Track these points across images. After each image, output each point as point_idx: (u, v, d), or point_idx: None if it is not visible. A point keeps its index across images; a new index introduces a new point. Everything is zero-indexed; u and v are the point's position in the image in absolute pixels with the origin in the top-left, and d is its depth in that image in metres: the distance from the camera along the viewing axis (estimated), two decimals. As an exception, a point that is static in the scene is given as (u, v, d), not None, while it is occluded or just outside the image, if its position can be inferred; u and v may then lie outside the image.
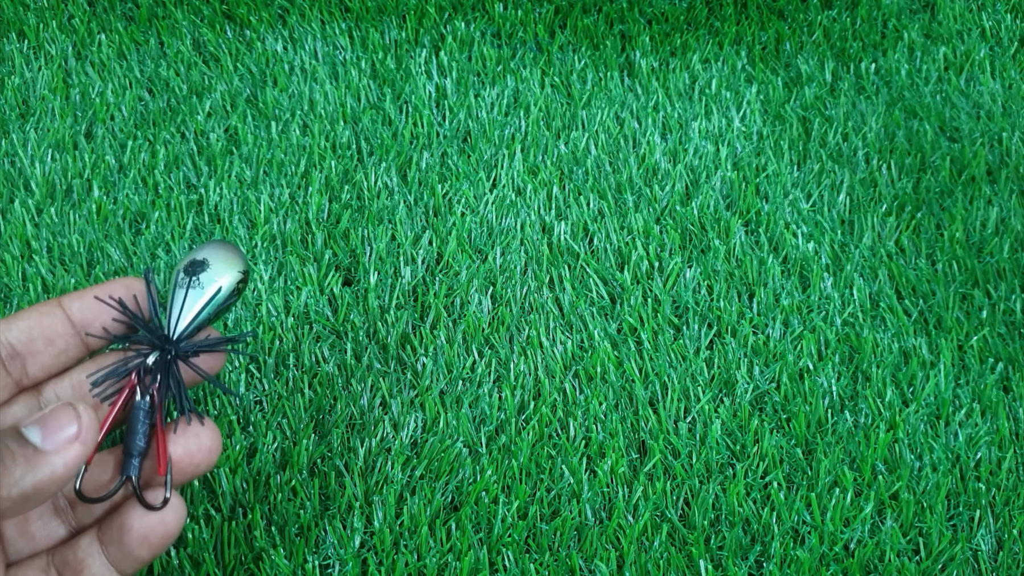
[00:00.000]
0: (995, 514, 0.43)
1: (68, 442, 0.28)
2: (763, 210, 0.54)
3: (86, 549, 0.32)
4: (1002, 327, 0.50)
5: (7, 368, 0.32)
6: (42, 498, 0.28)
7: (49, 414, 0.28)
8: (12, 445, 0.27)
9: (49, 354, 0.33)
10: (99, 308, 0.33)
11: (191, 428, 0.33)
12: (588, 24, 0.64)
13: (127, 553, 0.32)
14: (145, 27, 0.61)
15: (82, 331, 0.33)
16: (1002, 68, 0.64)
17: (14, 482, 0.27)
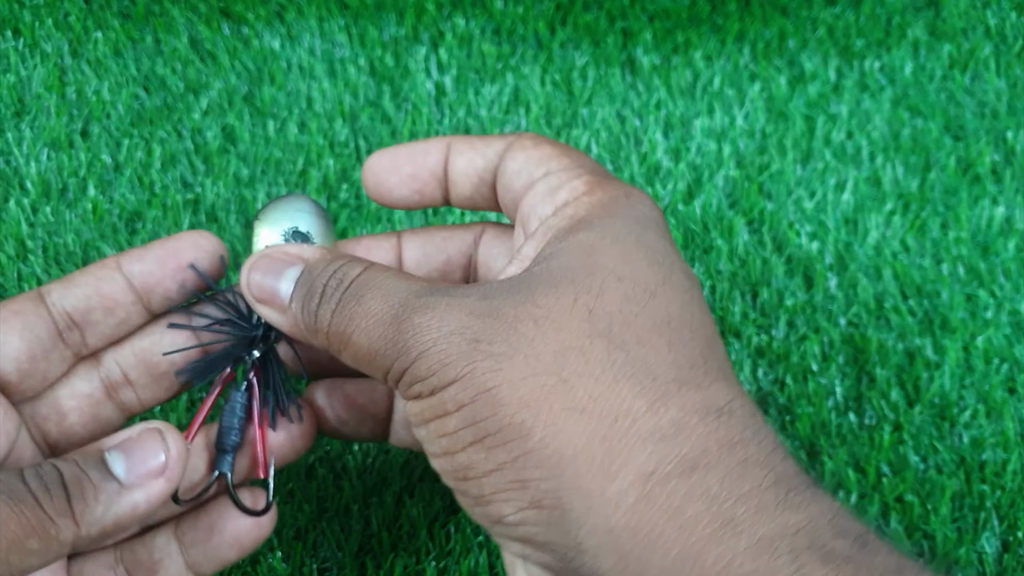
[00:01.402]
0: (1000, 516, 0.43)
1: (153, 476, 0.26)
2: (766, 209, 0.54)
3: (163, 549, 0.30)
4: (1008, 327, 0.49)
5: (65, 340, 0.30)
6: (121, 533, 0.27)
7: (135, 440, 0.27)
8: (95, 476, 0.25)
9: (109, 324, 0.30)
10: (162, 271, 0.31)
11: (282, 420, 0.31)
12: (589, 20, 0.63)
13: (213, 556, 0.30)
14: (141, 24, 0.61)
15: (145, 297, 0.30)
16: (1007, 66, 0.63)
17: (94, 520, 0.25)
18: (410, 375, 0.25)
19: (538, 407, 0.24)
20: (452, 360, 0.25)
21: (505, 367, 0.24)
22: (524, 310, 0.25)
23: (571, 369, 0.24)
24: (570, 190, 0.28)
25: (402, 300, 0.26)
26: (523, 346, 0.24)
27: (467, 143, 0.31)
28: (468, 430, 0.25)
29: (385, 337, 0.26)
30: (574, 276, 0.25)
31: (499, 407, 0.24)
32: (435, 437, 0.26)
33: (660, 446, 0.23)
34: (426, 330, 0.25)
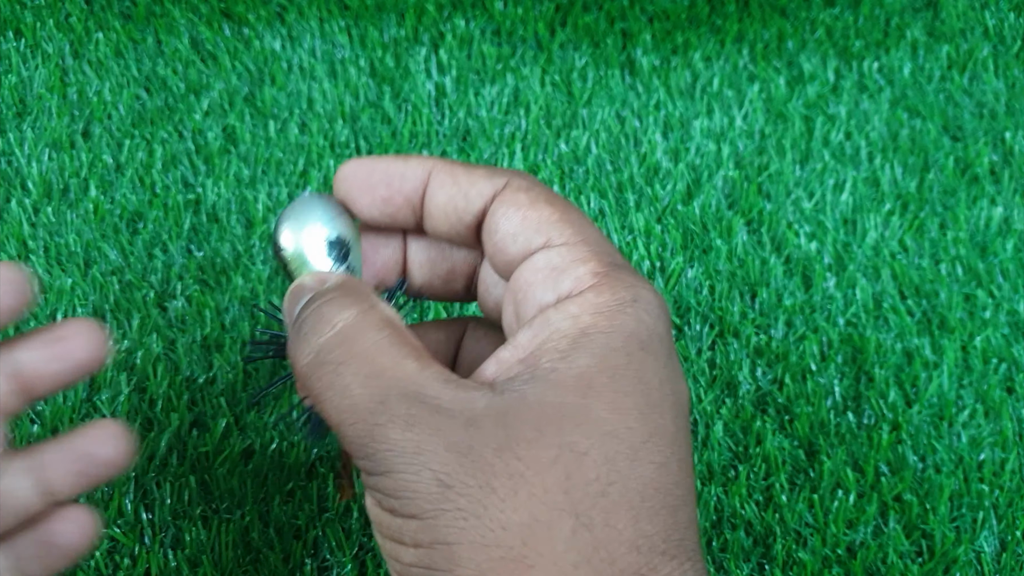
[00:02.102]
0: (998, 515, 0.43)
1: None
2: (765, 209, 0.54)
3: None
4: (1006, 327, 0.49)
5: None
6: None
7: None
8: None
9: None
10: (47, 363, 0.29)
11: None
12: (589, 22, 0.63)
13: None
14: (142, 25, 0.61)
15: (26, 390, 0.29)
16: (1005, 66, 0.64)
17: None
18: (374, 482, 0.24)
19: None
20: (419, 497, 0.23)
21: (470, 526, 0.23)
22: (503, 460, 0.23)
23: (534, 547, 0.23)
24: (575, 280, 0.26)
25: (383, 394, 0.24)
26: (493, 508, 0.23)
27: (450, 175, 0.28)
28: (421, 571, 0.24)
29: (356, 431, 0.24)
30: (561, 425, 0.24)
31: (455, 566, 0.23)
32: (389, 556, 0.25)
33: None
34: (400, 452, 0.23)
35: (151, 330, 0.46)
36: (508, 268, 0.28)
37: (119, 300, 0.47)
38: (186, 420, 0.43)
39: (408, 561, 0.24)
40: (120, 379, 0.44)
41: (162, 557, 0.39)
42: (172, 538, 0.40)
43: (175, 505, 0.41)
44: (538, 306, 0.26)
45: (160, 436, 0.42)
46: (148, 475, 0.41)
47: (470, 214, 0.28)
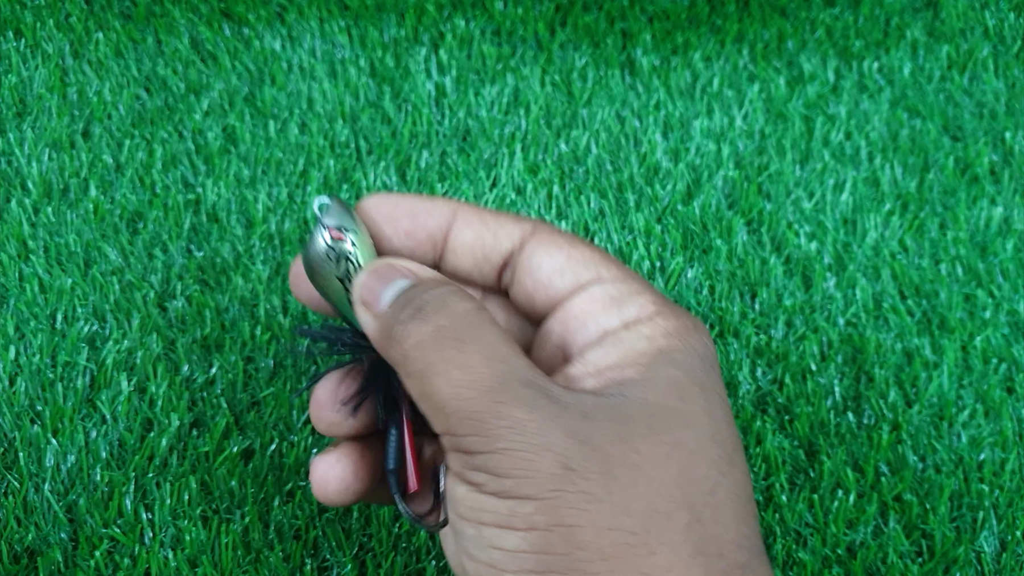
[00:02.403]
0: (998, 515, 0.43)
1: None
2: (765, 209, 0.54)
3: None
4: (1006, 327, 0.49)
5: None
6: None
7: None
8: None
9: None
10: None
11: None
12: (589, 22, 0.63)
13: None
14: (142, 25, 0.61)
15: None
16: (1005, 66, 0.64)
17: None
18: (482, 461, 0.24)
19: (616, 563, 0.23)
20: (538, 476, 0.23)
21: (593, 509, 0.23)
22: (621, 452, 0.24)
23: (656, 535, 0.24)
24: (638, 307, 0.27)
25: (505, 377, 0.25)
26: (616, 494, 0.24)
27: (477, 216, 0.30)
28: (532, 556, 0.23)
29: (473, 404, 0.24)
30: (670, 423, 0.25)
31: (576, 549, 0.23)
32: (485, 545, 0.24)
33: None
34: (522, 430, 0.24)
35: (151, 330, 0.46)
36: (550, 304, 0.29)
37: (119, 300, 0.47)
38: (186, 420, 0.43)
39: (513, 547, 0.24)
40: (120, 379, 0.44)
41: (162, 557, 0.39)
42: (172, 538, 0.40)
43: (175, 505, 0.41)
44: (602, 330, 0.28)
45: (160, 436, 0.42)
46: (148, 475, 0.41)
47: (498, 253, 0.30)
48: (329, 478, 0.29)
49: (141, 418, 0.43)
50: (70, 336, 0.45)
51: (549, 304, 0.29)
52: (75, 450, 0.42)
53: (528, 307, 0.30)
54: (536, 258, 0.29)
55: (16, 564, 0.39)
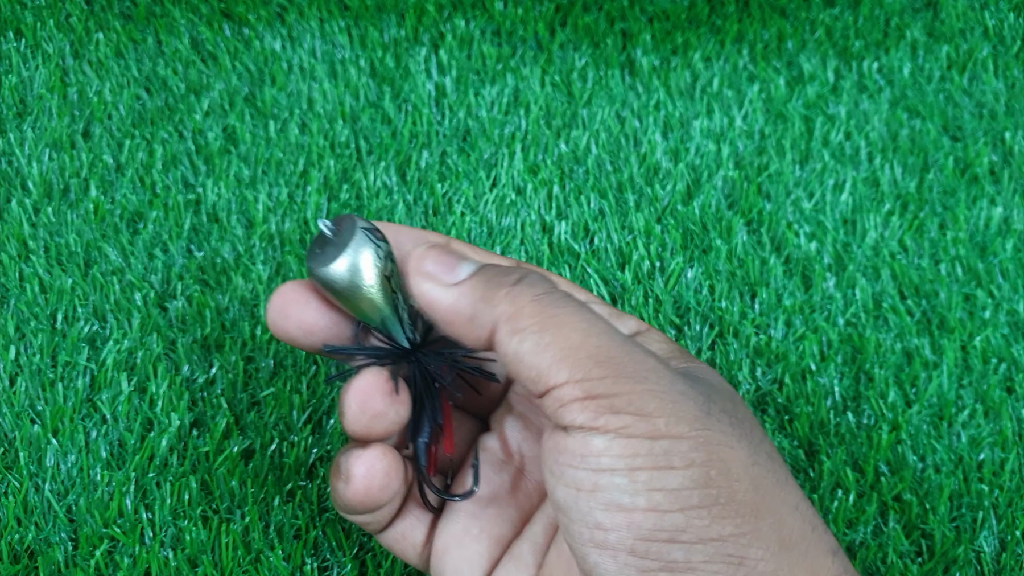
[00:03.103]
0: (998, 515, 0.43)
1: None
2: (765, 209, 0.54)
3: None
4: (1005, 327, 0.49)
5: None
6: None
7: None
8: None
9: None
10: None
11: None
12: (589, 22, 0.63)
13: None
14: (143, 25, 0.61)
15: None
16: (1005, 67, 0.64)
17: None
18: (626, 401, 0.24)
19: (764, 493, 0.25)
20: (685, 417, 0.24)
21: (736, 447, 0.25)
22: (729, 407, 0.26)
23: (784, 473, 0.26)
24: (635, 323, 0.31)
25: (624, 336, 0.26)
26: (746, 437, 0.26)
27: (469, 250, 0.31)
28: (696, 492, 0.24)
29: (608, 351, 0.25)
30: (737, 398, 0.28)
31: (733, 480, 0.24)
32: (645, 488, 0.24)
33: (836, 559, 0.26)
34: (660, 376, 0.25)
35: (151, 330, 0.46)
36: None
37: (119, 300, 0.47)
38: (186, 420, 0.43)
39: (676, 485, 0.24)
40: (120, 379, 0.44)
41: (162, 557, 0.39)
42: (172, 538, 0.40)
43: (175, 505, 0.41)
44: None
45: (160, 436, 0.42)
46: (148, 475, 0.41)
47: None
48: (376, 472, 0.29)
49: (141, 418, 0.43)
50: (70, 336, 0.45)
51: None
52: (75, 450, 0.42)
53: None
54: None
55: (16, 564, 0.39)
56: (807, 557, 0.25)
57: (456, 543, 0.31)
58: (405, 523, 0.32)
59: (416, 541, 0.32)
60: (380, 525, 0.32)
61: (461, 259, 0.28)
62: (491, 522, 0.31)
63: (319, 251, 0.29)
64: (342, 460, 0.30)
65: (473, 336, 0.27)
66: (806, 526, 0.25)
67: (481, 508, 0.31)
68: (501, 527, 0.31)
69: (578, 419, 0.25)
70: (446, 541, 0.31)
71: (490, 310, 0.26)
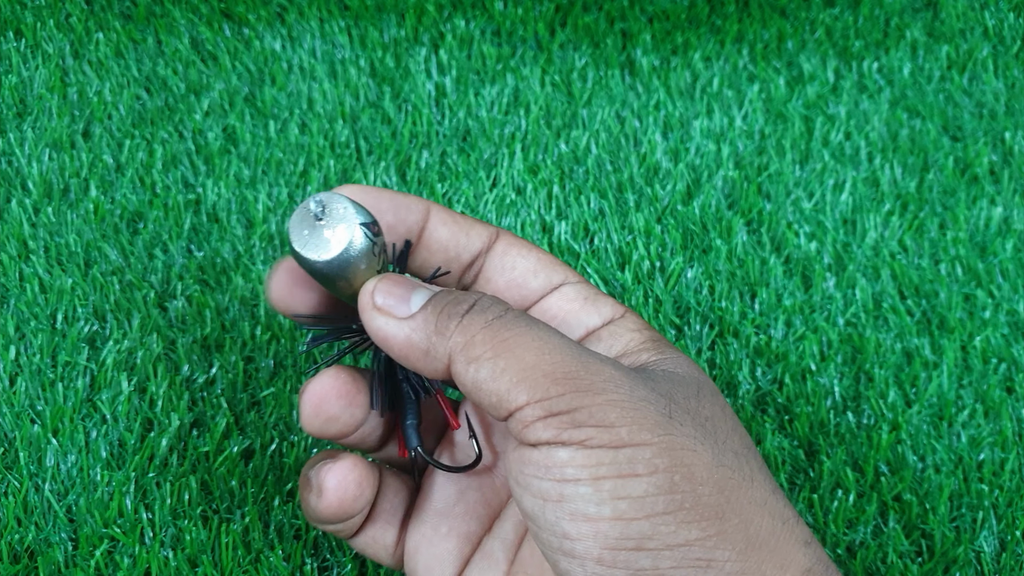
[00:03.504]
0: (998, 515, 0.43)
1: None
2: (765, 209, 0.54)
3: None
4: (1005, 327, 0.49)
5: None
6: None
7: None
8: None
9: None
10: None
11: None
12: (589, 22, 0.63)
13: None
14: (143, 25, 0.61)
15: None
16: (1005, 67, 0.64)
17: None
18: (587, 415, 0.25)
19: (730, 494, 0.25)
20: (646, 423, 0.25)
21: (699, 449, 0.25)
22: (696, 407, 0.27)
23: (749, 470, 0.26)
24: (610, 307, 0.31)
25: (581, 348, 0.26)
26: (710, 437, 0.26)
27: (449, 215, 0.31)
28: (662, 498, 0.24)
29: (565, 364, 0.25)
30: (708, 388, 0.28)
31: (697, 484, 0.25)
32: (610, 497, 0.25)
33: (809, 550, 0.26)
34: (620, 385, 0.25)
35: (151, 330, 0.46)
36: (522, 301, 0.32)
37: (119, 300, 0.47)
38: (186, 420, 0.43)
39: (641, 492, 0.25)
40: (120, 379, 0.44)
41: (162, 557, 0.39)
42: (172, 538, 0.40)
43: (175, 505, 0.41)
44: (585, 328, 0.31)
45: (160, 436, 0.42)
46: (148, 475, 0.41)
47: (469, 253, 0.32)
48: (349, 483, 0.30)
49: (141, 418, 0.43)
50: (70, 336, 0.45)
51: (522, 302, 0.32)
52: (75, 450, 0.42)
53: None
54: (509, 258, 0.32)
55: (16, 564, 0.39)
56: (776, 553, 0.25)
57: (427, 543, 0.31)
58: (376, 527, 0.32)
59: (388, 543, 0.32)
60: (351, 531, 0.32)
61: (413, 288, 0.28)
62: (459, 520, 0.31)
63: (307, 233, 0.28)
64: (312, 473, 0.30)
65: (430, 368, 0.27)
66: (775, 521, 0.26)
67: (449, 506, 0.32)
68: (469, 524, 0.31)
69: (543, 436, 0.25)
70: (416, 541, 0.32)
71: (444, 342, 0.27)
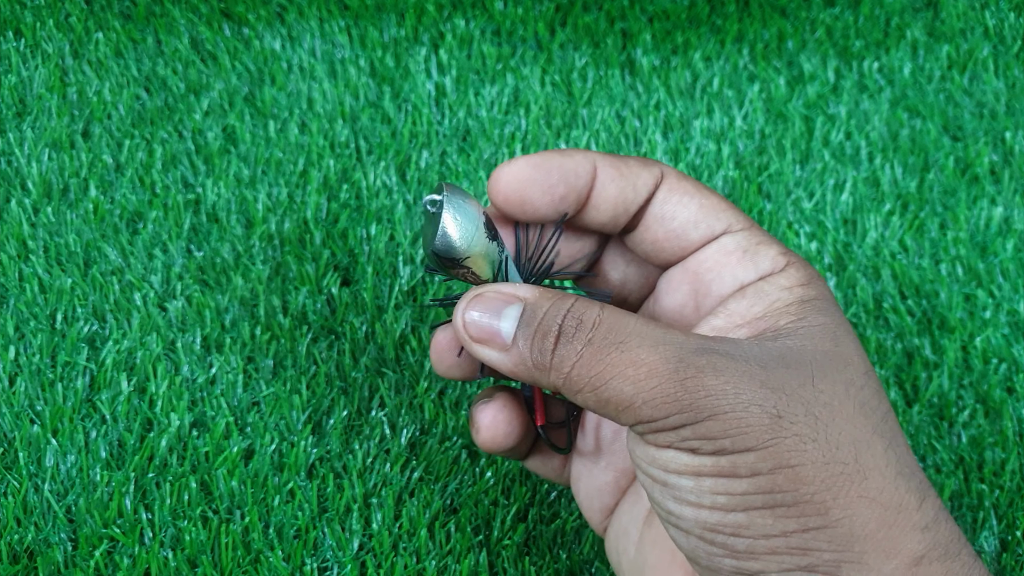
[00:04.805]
0: (999, 516, 0.43)
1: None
2: (766, 209, 0.54)
3: None
4: (1006, 327, 0.49)
5: None
6: None
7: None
8: None
9: None
10: None
11: None
12: (589, 22, 0.63)
13: None
14: (142, 25, 0.61)
15: None
16: (1005, 66, 0.64)
17: None
18: (692, 431, 0.26)
19: (837, 491, 0.26)
20: (752, 430, 0.25)
21: (809, 448, 0.26)
22: (812, 394, 0.26)
23: (864, 462, 0.26)
24: (771, 260, 0.29)
25: (678, 355, 0.26)
26: (822, 431, 0.26)
27: (614, 168, 0.30)
28: (759, 496, 0.26)
29: (661, 391, 0.26)
30: (836, 363, 0.27)
31: (801, 484, 0.25)
32: (710, 492, 0.26)
33: (926, 535, 0.26)
34: (722, 394, 0.26)
35: (151, 330, 0.46)
36: (681, 253, 0.30)
37: (119, 300, 0.47)
38: (186, 420, 0.43)
39: (743, 490, 0.26)
40: (120, 379, 0.44)
41: (162, 557, 0.39)
42: (172, 538, 0.40)
43: (175, 505, 0.41)
44: (738, 282, 0.29)
45: (160, 436, 0.42)
46: (148, 475, 0.41)
47: (636, 204, 0.30)
48: (499, 422, 0.32)
49: (141, 418, 0.43)
50: (70, 336, 0.45)
51: (680, 253, 0.30)
52: (75, 450, 0.42)
53: (653, 254, 0.31)
54: (669, 207, 0.30)
55: (16, 564, 0.39)
56: (883, 543, 0.26)
57: (587, 473, 0.34)
58: (542, 455, 0.35)
59: (554, 466, 0.35)
60: (521, 455, 0.34)
61: (502, 309, 0.28)
62: (616, 456, 0.33)
63: (423, 225, 0.29)
64: (472, 412, 0.33)
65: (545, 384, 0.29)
66: (888, 512, 0.26)
67: (607, 443, 0.34)
68: (626, 461, 0.33)
69: (666, 443, 0.27)
70: (579, 470, 0.34)
71: (545, 376, 0.28)
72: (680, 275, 0.31)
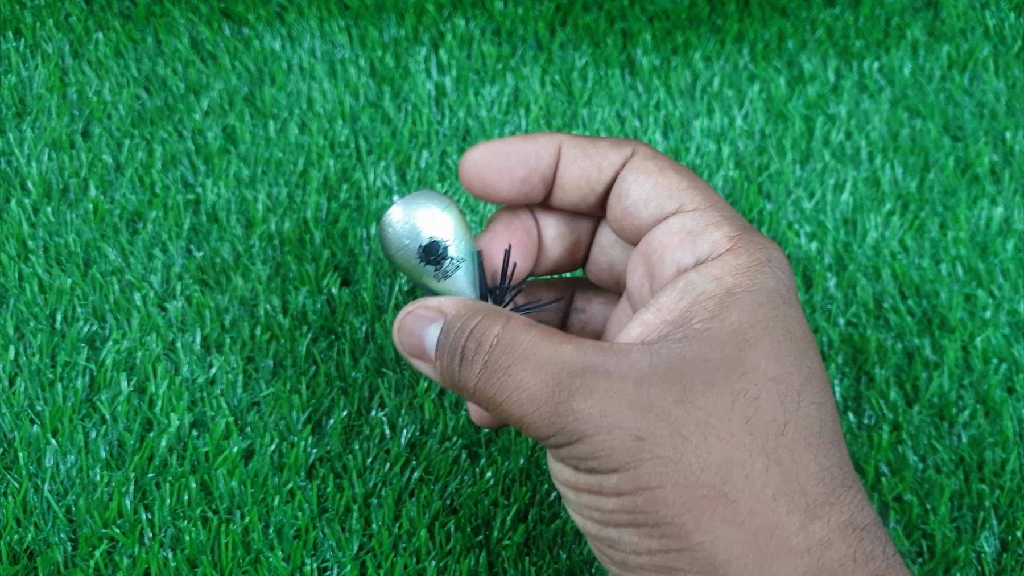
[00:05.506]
0: (999, 516, 0.43)
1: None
2: (766, 209, 0.54)
3: None
4: (1006, 327, 0.49)
5: None
6: None
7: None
8: None
9: None
10: None
11: None
12: (589, 21, 0.63)
13: None
14: (142, 25, 0.61)
15: None
16: (1006, 66, 0.63)
17: None
18: (567, 451, 0.27)
19: (699, 514, 0.25)
20: (615, 453, 0.26)
21: (671, 471, 0.25)
22: (685, 410, 0.26)
23: (733, 484, 0.25)
24: (712, 243, 0.28)
25: (556, 377, 0.27)
26: (688, 453, 0.25)
27: (579, 148, 0.30)
28: (625, 515, 0.26)
29: (540, 414, 0.27)
30: (729, 374, 0.26)
31: (661, 506, 0.25)
32: (585, 507, 0.27)
33: (806, 559, 0.25)
34: (587, 419, 0.26)
35: (151, 330, 0.46)
36: (637, 232, 0.30)
37: (119, 300, 0.47)
38: (186, 420, 0.43)
39: (611, 508, 0.26)
40: (120, 379, 0.44)
41: (162, 557, 0.39)
42: (172, 538, 0.40)
43: (175, 505, 0.41)
44: (677, 267, 0.28)
45: (160, 436, 0.42)
46: (147, 475, 0.41)
47: (602, 183, 0.30)
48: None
49: (141, 418, 0.43)
50: (70, 336, 0.45)
51: (636, 233, 0.30)
52: (75, 450, 0.42)
53: (618, 232, 0.31)
54: (625, 186, 0.30)
55: (16, 564, 0.39)
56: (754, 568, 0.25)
57: None
58: None
59: None
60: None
61: (426, 327, 0.29)
62: None
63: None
64: None
65: None
66: (759, 537, 0.25)
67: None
68: None
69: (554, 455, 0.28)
70: None
71: (456, 390, 0.29)
72: (636, 256, 0.30)
